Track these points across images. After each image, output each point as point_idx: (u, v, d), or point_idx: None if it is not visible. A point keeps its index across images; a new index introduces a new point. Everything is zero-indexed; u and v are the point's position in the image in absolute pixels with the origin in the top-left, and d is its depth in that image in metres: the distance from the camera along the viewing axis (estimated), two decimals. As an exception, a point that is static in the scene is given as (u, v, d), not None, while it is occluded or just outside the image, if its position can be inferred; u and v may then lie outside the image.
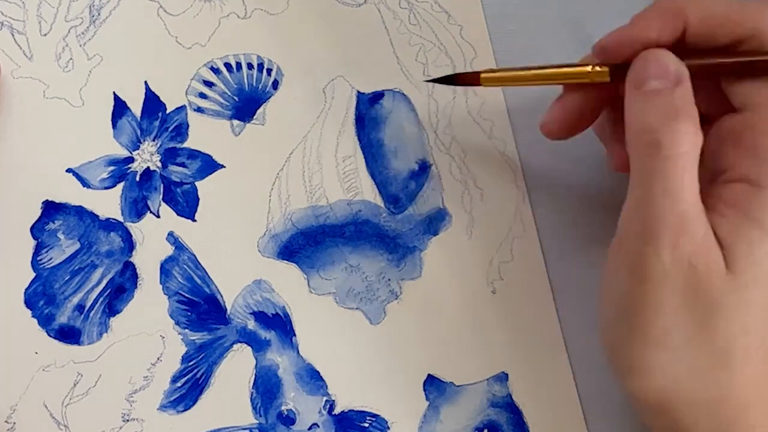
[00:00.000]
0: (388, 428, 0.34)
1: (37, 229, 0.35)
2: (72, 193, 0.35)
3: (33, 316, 0.35)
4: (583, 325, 0.34)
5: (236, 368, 0.34)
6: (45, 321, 0.35)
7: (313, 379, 0.34)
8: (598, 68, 0.28)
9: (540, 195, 0.35)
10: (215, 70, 0.36)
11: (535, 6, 0.36)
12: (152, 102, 0.36)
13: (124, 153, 0.36)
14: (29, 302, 0.35)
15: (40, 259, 0.35)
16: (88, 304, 0.35)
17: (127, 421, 0.34)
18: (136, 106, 0.36)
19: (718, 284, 0.26)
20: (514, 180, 0.35)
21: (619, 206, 0.28)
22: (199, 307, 0.35)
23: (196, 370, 0.34)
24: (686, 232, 0.25)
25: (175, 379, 0.34)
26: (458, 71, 0.35)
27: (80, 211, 0.35)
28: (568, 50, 0.36)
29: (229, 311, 0.35)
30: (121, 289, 0.35)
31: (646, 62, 0.27)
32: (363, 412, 0.34)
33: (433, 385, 0.34)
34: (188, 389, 0.34)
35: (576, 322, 0.34)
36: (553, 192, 0.35)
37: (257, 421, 0.34)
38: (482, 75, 0.31)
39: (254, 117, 0.36)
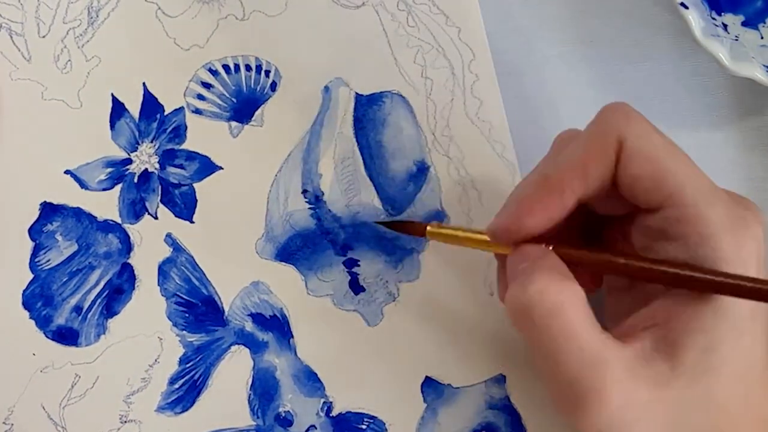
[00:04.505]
0: (386, 430, 0.34)
1: (35, 231, 0.35)
2: (70, 195, 0.35)
3: (31, 318, 0.35)
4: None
5: (234, 370, 0.34)
6: (43, 322, 0.35)
7: (310, 380, 0.34)
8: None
9: (538, 197, 0.35)
10: (213, 72, 0.36)
11: (533, 7, 0.36)
12: (150, 103, 0.36)
13: (122, 154, 0.36)
14: (27, 304, 0.35)
15: (38, 261, 0.35)
16: (86, 306, 0.35)
17: (125, 422, 0.34)
18: (134, 107, 0.36)
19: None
20: (512, 182, 0.35)
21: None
22: (197, 309, 0.35)
23: (193, 372, 0.34)
24: (603, 392, 0.25)
25: (172, 381, 0.34)
26: (456, 73, 0.35)
27: (78, 213, 0.35)
28: (567, 51, 0.36)
29: (226, 313, 0.35)
30: (118, 291, 0.35)
31: (511, 261, 0.28)
32: (360, 414, 0.34)
33: (430, 387, 0.34)
34: (186, 391, 0.34)
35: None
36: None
37: (255, 423, 0.34)
38: (429, 229, 0.31)
39: (252, 119, 0.36)
